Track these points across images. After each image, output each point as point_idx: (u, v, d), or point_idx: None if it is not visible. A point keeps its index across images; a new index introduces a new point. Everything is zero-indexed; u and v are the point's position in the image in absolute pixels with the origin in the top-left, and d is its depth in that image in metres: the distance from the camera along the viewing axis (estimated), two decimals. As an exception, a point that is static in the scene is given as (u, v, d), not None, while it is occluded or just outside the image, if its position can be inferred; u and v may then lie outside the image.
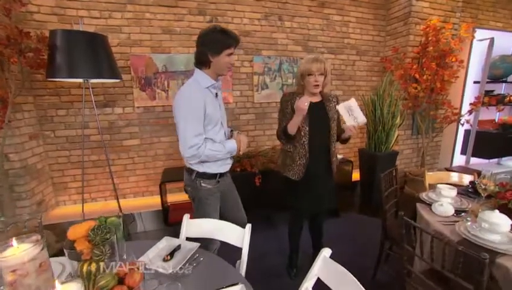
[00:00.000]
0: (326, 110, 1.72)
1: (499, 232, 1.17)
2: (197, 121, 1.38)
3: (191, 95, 1.38)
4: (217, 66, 1.42)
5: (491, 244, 1.13)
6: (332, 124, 1.73)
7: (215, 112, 1.45)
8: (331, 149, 1.77)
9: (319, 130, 1.72)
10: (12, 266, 0.71)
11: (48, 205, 2.61)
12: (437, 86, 3.04)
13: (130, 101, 2.76)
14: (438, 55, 3.03)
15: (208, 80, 1.44)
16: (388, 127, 2.92)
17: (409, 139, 3.58)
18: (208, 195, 1.54)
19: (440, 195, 1.61)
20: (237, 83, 3.07)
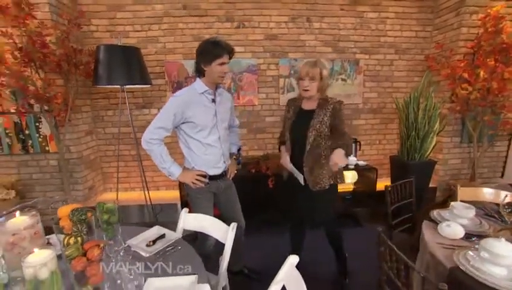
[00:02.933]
0: (311, 119, 1.63)
1: (503, 265, 1.00)
2: (169, 118, 1.53)
3: (178, 97, 1.55)
4: (210, 74, 1.54)
5: (488, 278, 0.98)
6: (310, 133, 1.62)
7: (205, 117, 1.57)
8: (305, 158, 1.66)
9: (298, 140, 1.69)
10: (13, 231, 0.95)
11: (97, 190, 3.11)
12: (493, 86, 2.59)
13: (164, 103, 3.06)
14: (497, 50, 2.57)
15: (203, 87, 1.57)
16: (423, 133, 2.61)
17: (457, 148, 3.14)
18: (197, 193, 1.68)
19: (453, 214, 1.42)
20: (263, 86, 3.13)
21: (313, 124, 1.62)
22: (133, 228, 1.44)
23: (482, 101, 2.73)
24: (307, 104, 1.72)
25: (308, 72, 1.58)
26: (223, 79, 1.59)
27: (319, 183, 1.67)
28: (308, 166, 1.66)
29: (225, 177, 1.76)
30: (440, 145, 3.14)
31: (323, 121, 1.61)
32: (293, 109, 1.76)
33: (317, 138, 1.63)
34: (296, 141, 1.70)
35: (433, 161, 2.79)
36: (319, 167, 1.67)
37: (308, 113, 1.67)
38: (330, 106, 1.63)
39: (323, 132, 1.63)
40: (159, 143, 1.59)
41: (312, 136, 1.62)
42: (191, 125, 1.56)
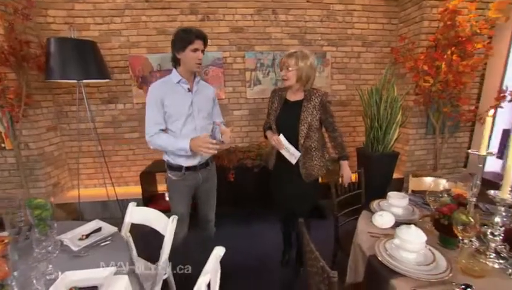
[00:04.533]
0: (300, 111, 1.66)
1: (412, 251, 1.03)
2: (155, 110, 1.53)
3: (152, 88, 1.55)
4: (185, 62, 1.53)
5: (399, 264, 1.00)
6: (303, 126, 1.65)
7: (180, 106, 1.56)
8: (299, 147, 1.70)
9: (287, 131, 1.70)
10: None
11: (63, 187, 3.06)
12: (450, 78, 2.64)
13: (130, 98, 3.03)
14: (453, 43, 2.61)
15: (178, 76, 1.56)
16: (385, 125, 2.65)
17: (422, 139, 3.19)
18: (173, 186, 1.67)
19: (389, 204, 1.45)
20: (229, 80, 3.11)
21: (304, 118, 1.64)
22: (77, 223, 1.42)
23: (442, 94, 2.78)
24: (292, 96, 1.73)
25: (284, 62, 1.64)
26: (199, 67, 1.57)
27: (311, 174, 1.73)
28: (301, 160, 1.70)
29: (205, 168, 1.72)
30: (406, 136, 3.19)
31: (314, 114, 1.64)
32: (277, 99, 1.77)
33: (309, 131, 1.66)
34: (285, 132, 1.70)
35: (396, 153, 2.83)
36: (311, 159, 1.71)
37: (295, 105, 1.69)
38: (317, 99, 1.66)
39: (314, 125, 1.66)
40: (158, 133, 1.57)
41: (305, 130, 1.64)
42: (167, 115, 1.56)
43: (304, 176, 1.72)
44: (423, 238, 1.01)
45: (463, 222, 1.03)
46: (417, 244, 1.01)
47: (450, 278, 0.94)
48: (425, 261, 1.01)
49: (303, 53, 1.65)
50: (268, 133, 1.82)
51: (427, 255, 1.04)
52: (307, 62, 1.62)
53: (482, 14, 2.71)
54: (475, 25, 2.56)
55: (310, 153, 1.72)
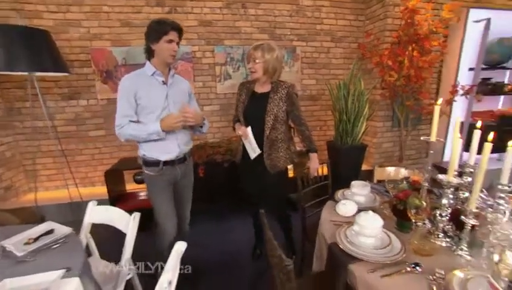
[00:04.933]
0: (267, 103, 1.67)
1: (370, 236, 1.06)
2: (126, 103, 1.47)
3: (124, 80, 1.48)
4: (160, 54, 1.47)
5: (356, 249, 1.03)
6: (269, 118, 1.66)
7: (155, 98, 1.49)
8: (264, 142, 1.70)
9: (253, 122, 1.71)
10: None
11: (19, 190, 2.83)
12: (412, 73, 2.77)
13: (94, 93, 2.86)
14: (413, 40, 2.75)
15: (152, 69, 1.50)
16: (353, 118, 2.73)
17: (389, 132, 3.34)
18: (152, 182, 1.59)
19: (352, 193, 1.49)
20: (199, 74, 3.05)
21: (270, 109, 1.66)
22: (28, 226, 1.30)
23: (405, 88, 2.91)
24: (260, 88, 1.74)
25: (251, 54, 1.64)
26: (174, 59, 1.52)
27: (277, 166, 1.74)
28: (267, 151, 1.71)
29: (183, 162, 1.66)
30: (374, 129, 3.32)
31: (280, 106, 1.66)
32: (245, 92, 1.77)
33: (275, 122, 1.67)
34: (252, 124, 1.71)
35: (364, 145, 2.93)
36: (276, 150, 1.73)
37: (262, 97, 1.70)
38: (284, 90, 1.67)
39: (280, 116, 1.67)
40: (127, 124, 1.48)
41: (271, 121, 1.65)
42: (140, 107, 1.49)
43: (269, 167, 1.73)
44: (380, 223, 1.05)
45: (416, 205, 1.08)
46: (374, 229, 1.04)
47: (403, 259, 0.98)
48: (382, 244, 1.05)
49: (269, 46, 1.65)
50: (237, 125, 1.83)
51: (383, 239, 1.07)
52: (273, 54, 1.63)
53: (437, 15, 2.87)
54: (431, 24, 2.71)
55: (275, 145, 1.73)
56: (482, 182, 0.96)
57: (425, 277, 0.90)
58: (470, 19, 3.05)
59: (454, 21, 2.86)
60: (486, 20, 3.08)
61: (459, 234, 1.06)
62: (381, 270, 0.94)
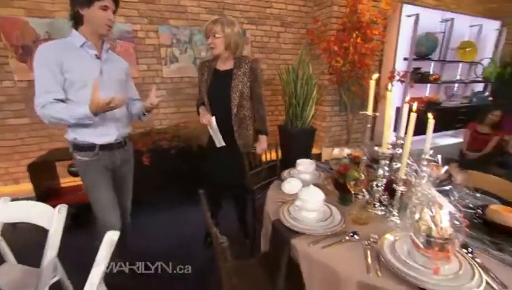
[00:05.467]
0: (231, 79, 1.61)
1: (312, 210, 1.06)
2: (48, 75, 1.21)
3: (43, 48, 1.21)
4: (92, 22, 1.24)
5: (298, 224, 1.02)
6: (234, 94, 1.61)
7: (87, 72, 1.26)
8: (233, 120, 1.65)
9: (219, 101, 1.65)
10: None
11: None
12: (356, 59, 2.91)
13: (9, 73, 2.43)
14: (356, 27, 2.87)
15: (81, 38, 1.26)
16: (302, 102, 2.78)
17: (337, 116, 3.49)
18: (85, 169, 1.36)
19: (298, 171, 1.50)
20: (143, 56, 2.79)
21: (235, 85, 1.60)
22: None
23: (350, 73, 3.06)
24: (222, 65, 1.67)
25: (210, 28, 1.55)
26: (109, 30, 1.28)
27: (248, 144, 1.71)
28: (238, 130, 1.67)
29: (123, 147, 1.46)
30: (323, 114, 3.44)
31: (244, 82, 1.61)
32: (207, 71, 1.69)
33: (241, 99, 1.63)
34: (218, 103, 1.65)
35: (313, 128, 3.02)
36: (246, 129, 1.70)
37: (225, 74, 1.64)
38: (247, 65, 1.62)
39: (245, 93, 1.64)
40: (51, 103, 1.21)
41: (237, 98, 1.61)
42: (68, 82, 1.24)
43: (241, 147, 1.70)
44: (321, 196, 1.05)
45: (354, 177, 1.11)
46: (316, 202, 1.04)
47: (343, 229, 1.00)
48: (324, 217, 1.06)
49: (228, 19, 1.57)
50: (201, 110, 1.74)
51: (325, 212, 1.09)
52: (233, 29, 1.56)
53: (377, 6, 3.04)
54: (372, 13, 2.86)
55: (244, 123, 1.70)
56: (409, 151, 1.02)
57: (362, 243, 0.93)
58: (404, 13, 3.32)
59: (391, 13, 3.07)
60: (415, 16, 3.37)
61: (392, 201, 1.12)
62: (323, 242, 0.94)
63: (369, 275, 0.79)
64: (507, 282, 0.76)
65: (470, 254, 0.87)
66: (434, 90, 4.34)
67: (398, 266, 0.79)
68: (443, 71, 4.25)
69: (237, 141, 1.68)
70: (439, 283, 0.73)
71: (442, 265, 0.76)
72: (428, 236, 0.76)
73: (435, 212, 0.75)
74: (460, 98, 4.46)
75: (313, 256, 0.89)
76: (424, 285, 0.72)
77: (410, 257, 0.82)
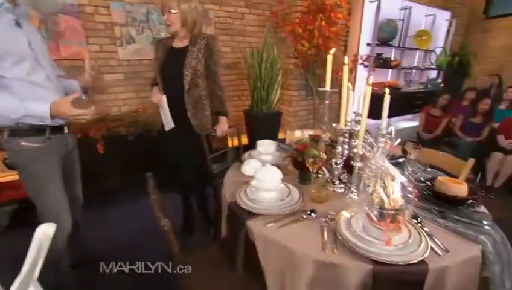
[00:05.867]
0: (185, 56, 1.53)
1: (269, 189, 1.03)
2: None
3: None
4: None
5: (251, 204, 0.98)
6: (187, 71, 1.52)
7: (13, 43, 1.05)
8: (186, 99, 1.56)
9: (171, 79, 1.57)
10: None
11: None
12: (320, 42, 2.91)
13: None
14: (320, 10, 2.86)
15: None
16: (267, 85, 2.74)
17: (303, 100, 3.51)
18: (31, 161, 1.15)
19: (259, 152, 1.46)
20: (93, 35, 2.53)
21: (188, 62, 1.53)
22: None
23: (315, 57, 3.05)
24: (178, 43, 1.59)
25: (164, 4, 1.47)
26: None
27: (205, 125, 1.64)
28: (191, 110, 1.59)
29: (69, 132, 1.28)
30: (290, 98, 3.44)
31: (199, 59, 1.54)
32: (162, 48, 1.61)
33: (195, 77, 1.55)
34: (171, 81, 1.57)
35: (279, 112, 3.00)
36: (202, 109, 1.63)
37: (180, 51, 1.56)
38: (203, 42, 1.54)
39: (200, 70, 1.56)
40: None
41: (189, 75, 1.53)
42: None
43: (197, 128, 1.62)
44: (278, 175, 1.02)
45: (313, 155, 1.09)
46: (273, 181, 1.01)
47: (301, 208, 0.98)
48: (282, 196, 1.03)
49: None
50: (153, 89, 1.66)
51: (283, 191, 1.06)
52: (190, 4, 1.48)
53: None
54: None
55: (200, 103, 1.62)
56: (365, 127, 1.01)
57: (320, 221, 0.91)
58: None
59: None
60: (377, 2, 3.44)
61: (350, 179, 1.13)
62: (280, 222, 0.91)
63: (325, 252, 0.78)
64: (449, 247, 0.79)
65: (419, 223, 0.90)
66: (394, 75, 4.54)
67: (353, 241, 0.78)
68: (403, 58, 4.45)
69: (191, 121, 1.60)
70: (391, 253, 0.74)
71: (393, 236, 0.77)
72: (381, 208, 0.76)
73: (387, 184, 0.75)
74: (417, 84, 4.72)
75: (268, 236, 0.86)
76: (376, 257, 0.72)
77: (365, 231, 0.82)
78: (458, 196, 0.99)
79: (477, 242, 0.81)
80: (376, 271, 0.72)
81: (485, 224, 0.88)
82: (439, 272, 0.74)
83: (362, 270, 0.73)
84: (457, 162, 1.51)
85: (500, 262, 0.82)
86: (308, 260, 0.77)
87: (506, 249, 0.86)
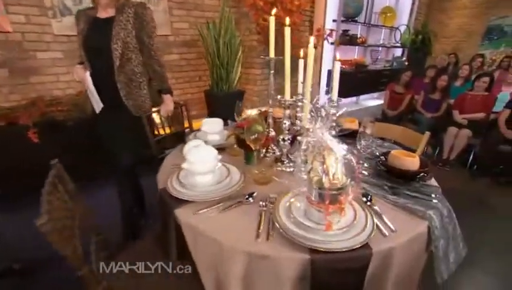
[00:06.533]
0: (111, 28, 1.32)
1: (205, 172, 0.89)
2: None
3: None
4: None
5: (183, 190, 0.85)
6: (115, 45, 1.32)
7: None
8: (116, 76, 1.35)
9: (98, 54, 1.34)
10: None
11: None
12: (281, 15, 2.73)
13: None
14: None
15: None
16: (227, 62, 2.54)
17: (267, 79, 3.35)
18: None
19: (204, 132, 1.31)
20: (14, 3, 2.14)
21: (116, 34, 1.32)
22: None
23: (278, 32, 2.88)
24: (103, 13, 1.38)
25: None
26: None
27: (142, 106, 1.45)
28: (125, 88, 1.38)
29: None
30: (254, 77, 3.27)
31: (128, 30, 1.35)
32: (84, 20, 1.38)
33: (126, 50, 1.36)
34: (98, 57, 1.35)
35: (241, 90, 2.84)
36: (138, 88, 1.44)
37: (106, 22, 1.35)
38: (131, 10, 1.34)
39: (132, 43, 1.37)
40: None
41: (119, 49, 1.32)
42: None
43: (133, 109, 1.43)
44: (212, 154, 0.88)
45: (256, 130, 0.96)
46: (207, 162, 0.87)
47: (240, 191, 0.85)
48: (220, 179, 0.90)
49: None
50: (75, 67, 1.42)
51: (222, 173, 0.93)
52: None
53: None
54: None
55: (135, 81, 1.43)
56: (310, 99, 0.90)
57: (258, 205, 0.80)
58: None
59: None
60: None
61: (300, 156, 1.02)
62: (213, 208, 0.79)
63: (258, 241, 0.66)
64: (397, 225, 0.71)
65: (369, 202, 0.82)
66: (361, 53, 4.51)
67: (290, 227, 0.67)
68: (369, 35, 4.42)
69: (125, 101, 1.39)
70: (331, 239, 0.64)
71: (335, 219, 0.67)
72: (321, 188, 0.65)
73: (325, 160, 0.64)
74: (383, 61, 4.75)
75: (197, 227, 0.73)
76: (313, 245, 0.62)
77: (306, 215, 0.71)
78: (410, 170, 0.91)
79: (424, 218, 0.74)
80: (314, 260, 0.62)
81: (433, 198, 0.82)
82: (385, 253, 0.66)
83: (298, 261, 0.62)
84: (416, 135, 1.48)
85: (445, 236, 0.77)
86: (237, 252, 0.65)
87: (451, 222, 0.81)
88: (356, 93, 4.25)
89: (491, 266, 1.55)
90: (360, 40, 3.91)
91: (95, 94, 1.37)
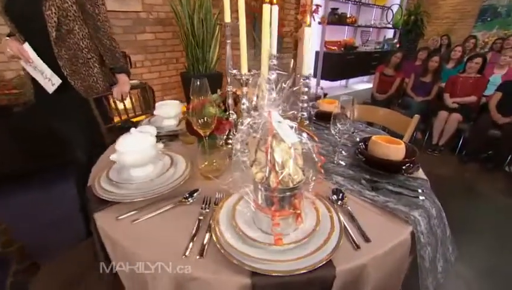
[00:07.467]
0: None
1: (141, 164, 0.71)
2: None
3: None
4: None
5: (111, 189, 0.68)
6: (48, 11, 1.06)
7: None
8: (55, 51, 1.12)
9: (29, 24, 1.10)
10: None
11: None
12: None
13: None
14: None
15: None
16: (201, 40, 2.31)
17: (252, 60, 3.12)
18: None
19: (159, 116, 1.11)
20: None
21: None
22: None
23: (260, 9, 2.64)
24: None
25: None
26: None
27: (93, 86, 1.24)
28: (68, 66, 1.15)
29: None
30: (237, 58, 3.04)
31: None
32: None
33: (65, 20, 1.12)
34: (27, 26, 1.10)
35: (219, 73, 2.62)
36: (86, 65, 1.21)
37: None
38: None
39: (72, 11, 1.13)
40: None
41: (54, 17, 1.08)
42: None
43: (82, 91, 1.21)
44: (147, 142, 0.70)
45: (209, 114, 0.78)
46: (139, 153, 0.69)
47: (181, 187, 0.68)
48: (162, 170, 0.73)
49: None
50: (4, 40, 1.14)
51: (165, 163, 0.75)
52: None
53: None
54: None
55: (81, 57, 1.20)
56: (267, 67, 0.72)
57: (199, 206, 0.63)
58: None
59: None
60: None
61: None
62: (142, 212, 0.62)
63: (187, 259, 0.50)
64: (373, 232, 0.55)
65: (340, 201, 0.66)
66: (351, 34, 4.29)
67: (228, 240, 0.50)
68: (359, 14, 4.18)
69: (71, 81, 1.17)
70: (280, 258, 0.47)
71: (289, 229, 0.51)
72: (266, 189, 0.48)
73: (272, 150, 0.47)
74: (374, 43, 4.54)
75: (113, 236, 0.56)
76: (255, 265, 0.46)
77: (255, 222, 0.55)
78: (393, 160, 0.76)
79: (408, 221, 0.58)
80: (257, 286, 0.46)
81: (420, 194, 0.67)
82: (354, 273, 0.50)
83: (237, 286, 0.46)
84: (405, 119, 1.32)
85: (432, 243, 0.62)
86: (161, 270, 0.49)
87: (441, 224, 0.66)
88: (345, 76, 4.06)
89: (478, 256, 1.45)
90: (350, 19, 3.68)
91: (44, 66, 1.12)
